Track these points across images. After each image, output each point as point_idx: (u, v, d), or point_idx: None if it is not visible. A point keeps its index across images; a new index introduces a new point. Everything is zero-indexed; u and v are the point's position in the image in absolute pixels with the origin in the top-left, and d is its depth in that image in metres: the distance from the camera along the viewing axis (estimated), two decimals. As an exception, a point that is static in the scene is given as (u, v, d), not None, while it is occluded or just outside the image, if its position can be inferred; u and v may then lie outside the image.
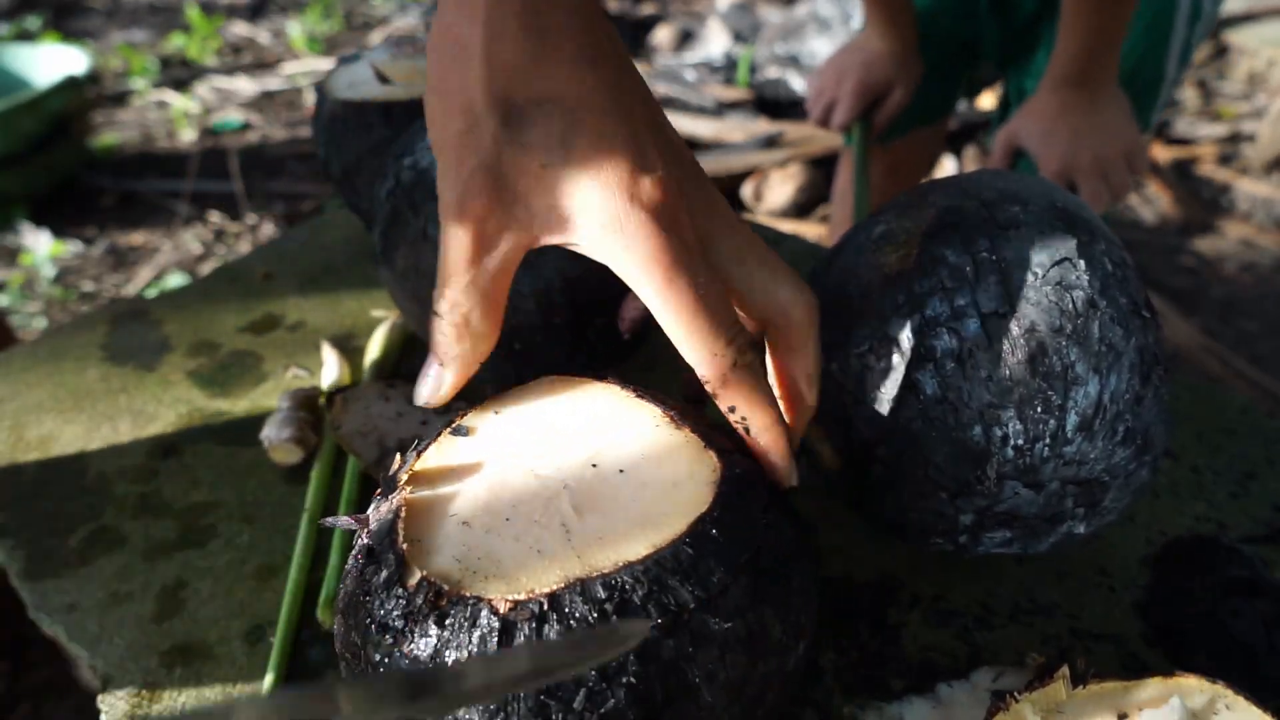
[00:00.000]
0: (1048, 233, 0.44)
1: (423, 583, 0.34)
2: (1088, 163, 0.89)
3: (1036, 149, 0.92)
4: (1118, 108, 0.92)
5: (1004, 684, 0.46)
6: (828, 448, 0.49)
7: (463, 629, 0.33)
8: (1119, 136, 0.91)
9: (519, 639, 0.32)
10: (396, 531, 0.36)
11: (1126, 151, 0.90)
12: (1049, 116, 0.91)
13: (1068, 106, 0.90)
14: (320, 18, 3.48)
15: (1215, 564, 0.53)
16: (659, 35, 3.09)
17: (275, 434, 0.61)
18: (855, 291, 0.47)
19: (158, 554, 0.57)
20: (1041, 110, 0.92)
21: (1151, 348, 0.44)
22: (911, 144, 1.25)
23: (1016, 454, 0.43)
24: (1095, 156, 0.89)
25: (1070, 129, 0.90)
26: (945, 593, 0.53)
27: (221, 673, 0.49)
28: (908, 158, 1.27)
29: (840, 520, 0.57)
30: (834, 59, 1.15)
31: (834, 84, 1.12)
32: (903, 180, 1.26)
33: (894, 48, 1.07)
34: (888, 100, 1.11)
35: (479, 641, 0.32)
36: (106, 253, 2.19)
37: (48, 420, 0.67)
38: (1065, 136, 0.90)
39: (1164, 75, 1.02)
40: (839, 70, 1.12)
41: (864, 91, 1.10)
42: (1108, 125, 0.90)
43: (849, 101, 1.10)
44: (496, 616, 0.32)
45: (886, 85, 1.10)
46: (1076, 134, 0.89)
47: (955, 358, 0.43)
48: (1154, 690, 0.40)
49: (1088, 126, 0.90)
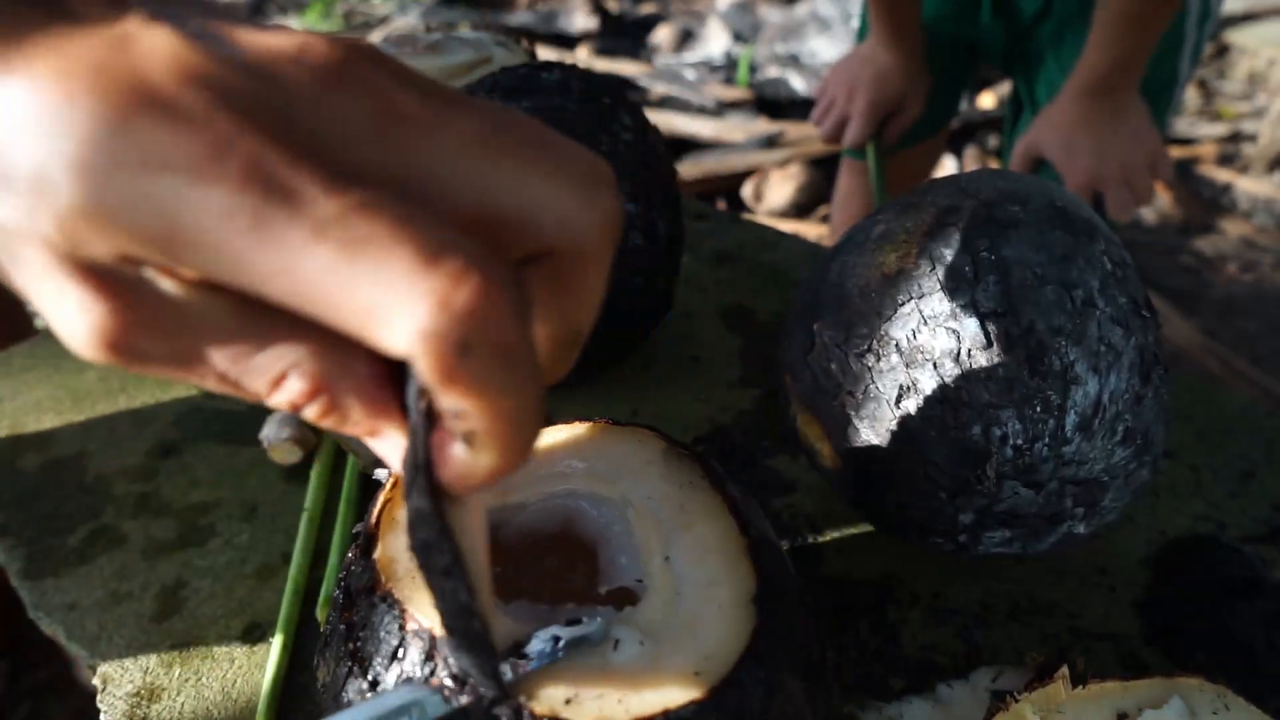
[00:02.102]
0: (1047, 232, 0.44)
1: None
2: (1114, 173, 0.88)
3: (1060, 160, 0.91)
4: (1139, 115, 0.91)
5: (1003, 683, 0.46)
6: (828, 447, 0.49)
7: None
8: (1142, 144, 0.90)
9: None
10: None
11: (1149, 157, 0.90)
12: (1070, 127, 0.90)
13: (1091, 116, 0.89)
14: (320, 18, 3.48)
15: (1215, 563, 0.53)
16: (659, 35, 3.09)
17: (275, 433, 0.61)
18: (855, 291, 0.47)
19: (157, 553, 0.57)
20: (1063, 120, 0.91)
21: (1151, 347, 0.44)
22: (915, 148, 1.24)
23: (1016, 453, 0.43)
24: (1121, 165, 0.88)
25: (1094, 139, 0.89)
26: (945, 592, 0.53)
27: (221, 672, 0.49)
28: (910, 161, 1.27)
29: (840, 520, 0.57)
30: (842, 70, 1.13)
31: (844, 99, 1.10)
32: (905, 184, 1.26)
33: (903, 62, 1.06)
34: (900, 116, 1.10)
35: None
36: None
37: (47, 420, 0.67)
38: (1089, 147, 0.89)
39: (1179, 77, 1.02)
40: (849, 84, 1.10)
41: (876, 110, 1.08)
42: (1132, 134, 0.90)
43: (861, 121, 1.08)
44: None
45: (898, 101, 1.08)
46: (1101, 144, 0.89)
47: (954, 357, 0.43)
48: (1153, 690, 0.40)
49: (1112, 136, 0.89)
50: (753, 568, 0.35)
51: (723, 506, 0.38)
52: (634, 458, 0.40)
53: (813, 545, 0.56)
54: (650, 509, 0.37)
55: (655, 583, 0.35)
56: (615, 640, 0.33)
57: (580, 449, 0.40)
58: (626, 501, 0.38)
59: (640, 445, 0.40)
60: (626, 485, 0.38)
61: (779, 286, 0.80)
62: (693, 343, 0.73)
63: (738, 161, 2.30)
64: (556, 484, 0.39)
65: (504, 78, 0.61)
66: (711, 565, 0.36)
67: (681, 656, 0.33)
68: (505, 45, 0.86)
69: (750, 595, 0.34)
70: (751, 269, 0.82)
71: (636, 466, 0.39)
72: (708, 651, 0.33)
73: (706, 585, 0.35)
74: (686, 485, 0.39)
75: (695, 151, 2.40)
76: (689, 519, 0.37)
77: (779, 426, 0.65)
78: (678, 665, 0.32)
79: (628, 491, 0.38)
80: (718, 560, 0.36)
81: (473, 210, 0.22)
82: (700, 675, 0.32)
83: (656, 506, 0.38)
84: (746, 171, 2.30)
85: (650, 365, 0.71)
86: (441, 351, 0.19)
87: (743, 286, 0.80)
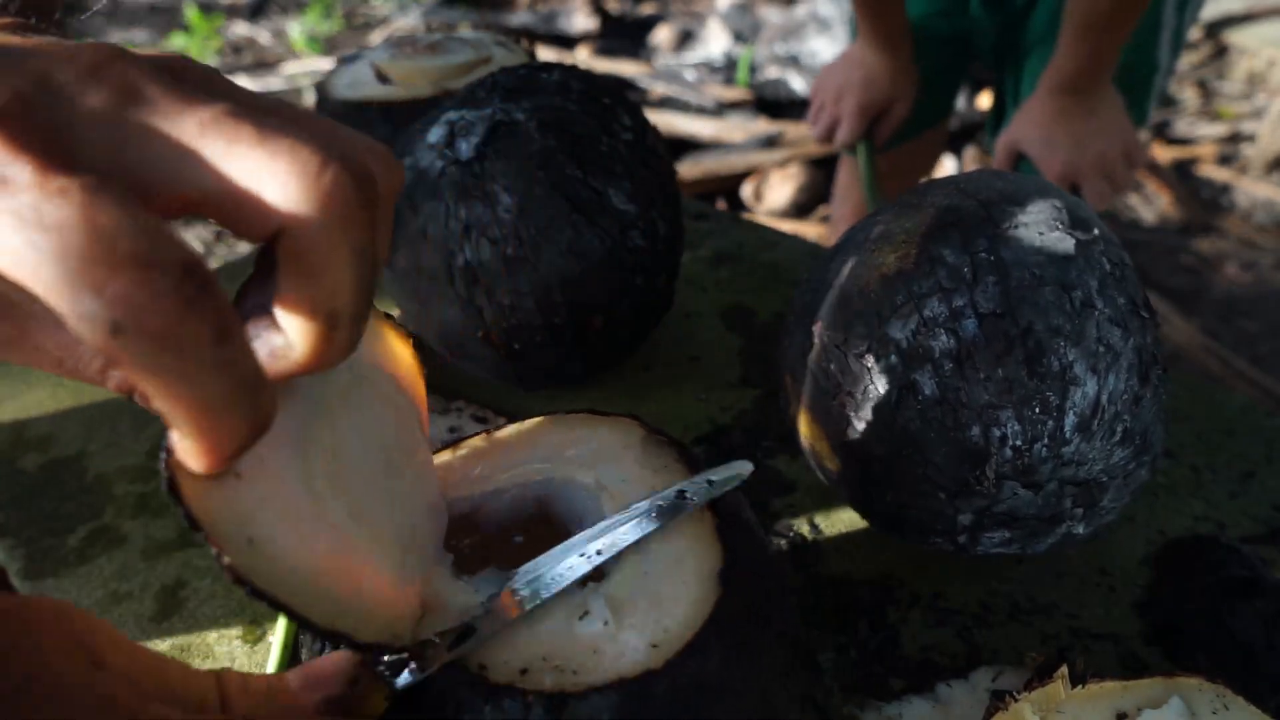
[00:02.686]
0: (1046, 233, 0.44)
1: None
2: (1090, 165, 0.91)
3: (1038, 155, 0.93)
4: (1114, 107, 0.93)
5: (1003, 683, 0.46)
6: (827, 447, 0.49)
7: None
8: (1117, 136, 0.92)
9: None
10: None
11: (1125, 148, 0.92)
12: (1047, 123, 0.92)
13: (1066, 112, 0.92)
14: (320, 18, 3.48)
15: (1215, 563, 0.53)
16: (659, 35, 3.09)
17: (275, 434, 0.61)
18: (854, 292, 0.47)
19: (157, 553, 0.57)
20: (1040, 116, 0.93)
21: (1150, 348, 0.44)
22: (913, 146, 1.25)
23: (1015, 454, 0.43)
24: (1097, 158, 0.91)
25: (1070, 134, 0.91)
26: (944, 592, 0.53)
27: (221, 672, 0.49)
28: (909, 159, 1.28)
29: (840, 520, 0.57)
30: (832, 73, 1.14)
31: (833, 101, 1.13)
32: (904, 181, 1.27)
33: (891, 63, 1.08)
34: (889, 116, 1.11)
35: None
36: (106, 253, 2.19)
37: (47, 419, 0.67)
38: (1065, 142, 0.91)
39: (1158, 66, 1.03)
40: (838, 87, 1.12)
41: (864, 111, 1.10)
42: (1106, 127, 0.92)
43: (851, 122, 1.11)
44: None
45: (886, 102, 1.10)
46: (1076, 138, 0.91)
47: (954, 358, 0.43)
48: (1153, 690, 0.40)
49: (1086, 130, 0.91)
50: (719, 543, 0.36)
51: None
52: (612, 444, 0.41)
53: (813, 545, 0.56)
54: (624, 492, 0.38)
55: (623, 560, 0.36)
56: (584, 611, 0.34)
57: (561, 438, 0.41)
58: (601, 486, 0.39)
59: (619, 432, 0.41)
60: (602, 470, 0.39)
61: (779, 286, 0.80)
62: (693, 343, 0.73)
63: (737, 161, 2.30)
64: (534, 471, 0.40)
65: (504, 78, 0.61)
66: (679, 544, 0.36)
67: (642, 629, 0.33)
68: (505, 45, 0.86)
69: (715, 570, 0.35)
70: (751, 269, 0.82)
71: (614, 452, 0.40)
72: (668, 624, 0.33)
73: (673, 562, 0.36)
74: (661, 470, 0.39)
75: (695, 151, 2.40)
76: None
77: (779, 426, 0.65)
78: (637, 637, 0.33)
79: (603, 476, 0.39)
80: (685, 539, 0.36)
81: (197, 191, 0.24)
82: (658, 646, 0.33)
83: (630, 489, 0.38)
84: (746, 171, 2.30)
85: (650, 365, 0.71)
86: (95, 333, 0.21)
87: (743, 286, 0.80)
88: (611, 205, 0.58)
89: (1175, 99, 2.69)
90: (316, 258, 0.24)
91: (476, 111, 0.59)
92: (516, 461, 0.40)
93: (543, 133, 0.57)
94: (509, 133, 0.57)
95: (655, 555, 0.36)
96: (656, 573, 0.35)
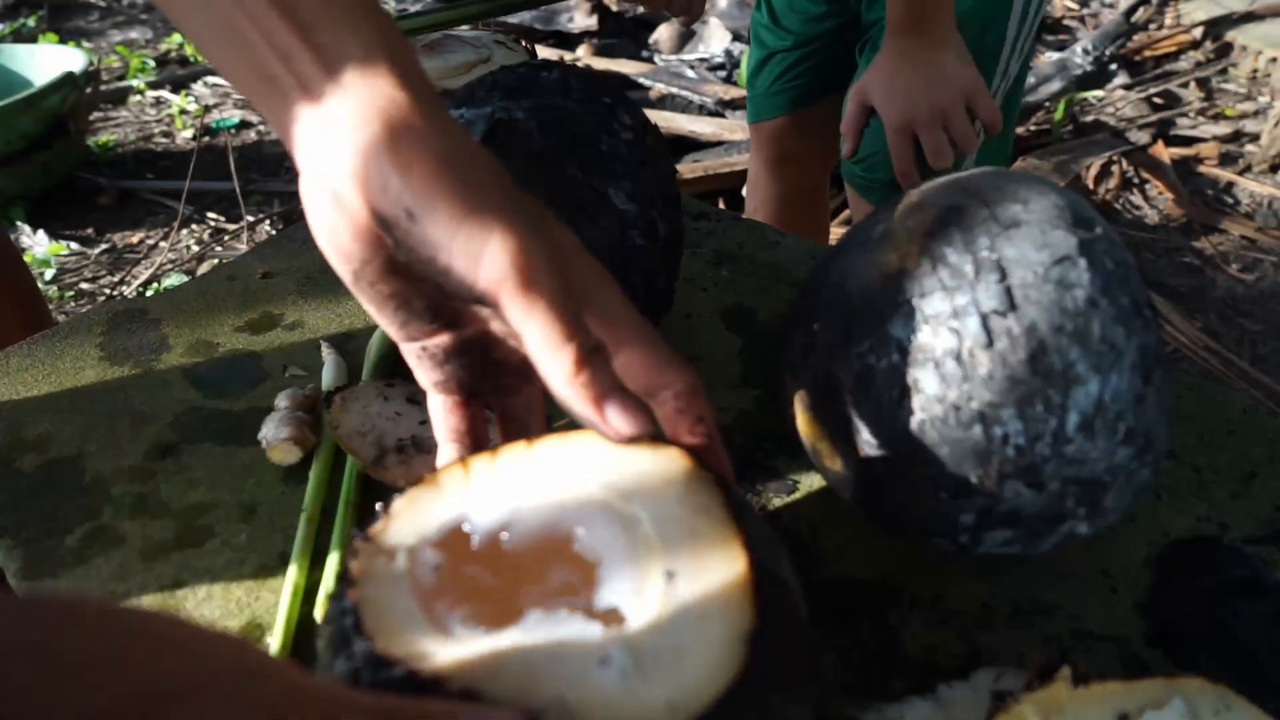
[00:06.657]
0: (1048, 231, 0.44)
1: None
2: (925, 114, 0.85)
3: (879, 104, 0.88)
4: (952, 52, 0.87)
5: (1005, 684, 0.46)
6: (828, 447, 0.49)
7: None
8: (955, 81, 0.86)
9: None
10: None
11: (965, 94, 0.86)
12: (889, 70, 0.87)
13: (904, 55, 0.87)
14: (320, 17, 3.47)
15: (1217, 564, 0.52)
16: (659, 35, 3.09)
17: (273, 434, 0.61)
18: (855, 291, 0.47)
19: (155, 554, 0.57)
20: (882, 62, 0.88)
21: (1153, 347, 0.44)
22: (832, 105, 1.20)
23: (1017, 453, 0.43)
24: (932, 106, 0.85)
25: (905, 80, 0.86)
26: (946, 593, 0.53)
27: (219, 673, 0.49)
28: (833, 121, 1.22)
29: (841, 520, 0.57)
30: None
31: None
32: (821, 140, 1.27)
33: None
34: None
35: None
36: (104, 252, 2.19)
37: (45, 420, 0.67)
38: (902, 88, 0.86)
39: (1004, 39, 0.99)
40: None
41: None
42: (942, 72, 0.86)
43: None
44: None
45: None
46: (911, 85, 0.86)
47: (956, 357, 0.43)
48: (1155, 691, 0.40)
49: (923, 77, 0.86)
50: (753, 607, 0.34)
51: (736, 539, 0.36)
52: (655, 476, 0.38)
53: (813, 546, 0.56)
54: (660, 531, 0.36)
55: (650, 605, 0.34)
56: (606, 655, 0.32)
57: (604, 460, 0.39)
58: (637, 520, 0.37)
59: (664, 464, 0.39)
60: (641, 503, 0.37)
61: (779, 286, 0.79)
62: (693, 343, 0.73)
63: (738, 161, 2.30)
64: (572, 493, 0.38)
65: (504, 77, 0.61)
66: (711, 597, 0.34)
67: (660, 685, 0.32)
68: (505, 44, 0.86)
69: (744, 634, 0.33)
70: (751, 269, 0.82)
71: (656, 486, 0.38)
72: (688, 684, 0.32)
73: (701, 617, 0.34)
74: (702, 511, 0.37)
75: (695, 151, 2.40)
76: (697, 546, 0.36)
77: (779, 426, 0.64)
78: (654, 693, 0.31)
79: (641, 510, 0.37)
80: (718, 593, 0.34)
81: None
82: (674, 708, 0.31)
83: (667, 529, 0.36)
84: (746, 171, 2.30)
85: (650, 365, 0.70)
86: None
87: (743, 286, 0.79)
88: (612, 205, 0.58)
89: (1179, 98, 2.69)
90: (507, 316, 0.37)
91: (476, 110, 0.58)
92: (554, 481, 0.39)
93: (543, 132, 0.57)
94: (509, 131, 0.57)
95: (684, 603, 0.34)
96: (683, 625, 0.33)
